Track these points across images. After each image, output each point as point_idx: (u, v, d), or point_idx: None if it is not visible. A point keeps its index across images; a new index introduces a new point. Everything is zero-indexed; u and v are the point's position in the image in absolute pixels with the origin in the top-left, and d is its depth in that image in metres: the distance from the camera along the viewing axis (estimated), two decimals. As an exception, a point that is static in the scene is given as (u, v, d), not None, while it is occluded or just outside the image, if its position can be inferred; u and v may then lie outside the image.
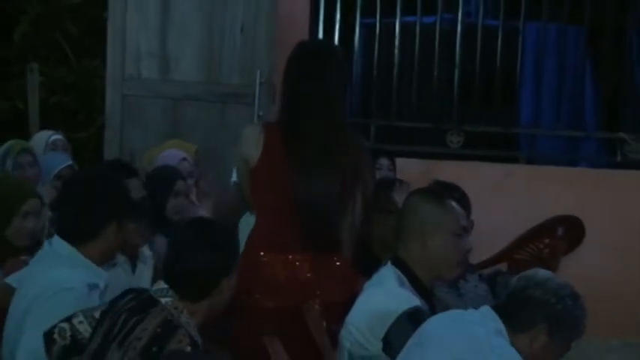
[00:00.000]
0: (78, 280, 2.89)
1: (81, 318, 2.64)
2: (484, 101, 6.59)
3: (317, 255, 3.49)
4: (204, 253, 2.63)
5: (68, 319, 2.66)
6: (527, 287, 2.75)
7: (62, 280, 2.89)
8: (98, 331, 2.56)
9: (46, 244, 3.10)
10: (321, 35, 6.54)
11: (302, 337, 3.36)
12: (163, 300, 2.56)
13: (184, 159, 5.11)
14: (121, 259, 3.50)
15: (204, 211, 5.04)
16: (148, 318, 2.49)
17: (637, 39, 6.88)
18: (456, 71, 6.56)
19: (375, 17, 6.60)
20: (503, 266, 5.11)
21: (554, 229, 5.29)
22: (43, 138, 6.03)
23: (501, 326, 2.72)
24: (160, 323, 2.47)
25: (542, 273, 2.80)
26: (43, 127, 7.37)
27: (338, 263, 3.54)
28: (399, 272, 3.16)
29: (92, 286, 2.92)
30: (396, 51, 6.56)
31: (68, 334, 2.62)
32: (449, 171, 4.71)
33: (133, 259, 3.70)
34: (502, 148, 6.65)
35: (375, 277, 3.27)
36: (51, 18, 9.79)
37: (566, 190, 6.19)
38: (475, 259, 4.54)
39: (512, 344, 2.70)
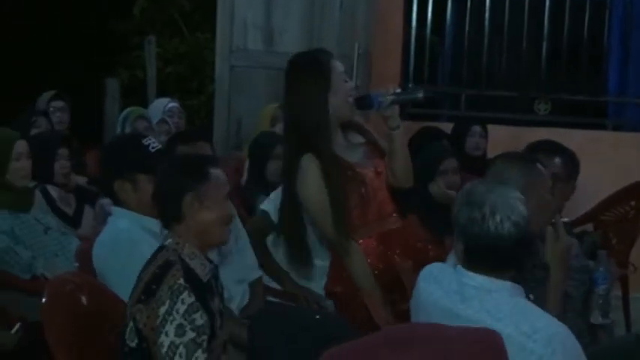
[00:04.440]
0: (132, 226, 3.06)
1: None
2: (571, 70, 6.43)
3: None
4: (162, 177, 2.65)
5: None
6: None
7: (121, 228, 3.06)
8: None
9: None
10: (415, 9, 6.44)
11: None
12: (167, 242, 2.59)
13: None
14: None
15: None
16: (154, 262, 2.55)
17: None
18: (544, 42, 6.41)
19: (467, -10, 6.50)
20: (589, 227, 4.97)
21: (640, 191, 5.12)
22: (160, 105, 6.08)
23: None
24: (160, 265, 2.52)
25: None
26: (159, 95, 7.46)
27: None
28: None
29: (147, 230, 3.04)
30: (486, 23, 6.42)
31: None
32: (536, 137, 4.55)
33: None
34: (589, 116, 6.49)
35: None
36: (166, -5, 9.89)
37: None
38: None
39: None
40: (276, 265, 3.67)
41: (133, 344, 2.50)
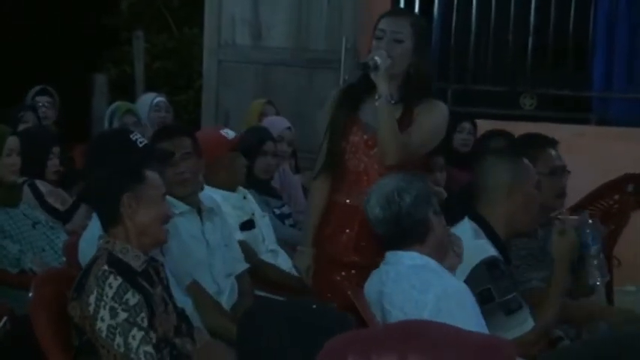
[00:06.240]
0: None
1: None
2: (557, 65, 6.44)
3: None
4: (98, 180, 2.69)
5: None
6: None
7: None
8: None
9: None
10: (402, 3, 6.43)
11: None
12: (98, 244, 2.65)
13: (289, 128, 5.01)
14: (185, 208, 3.36)
15: (299, 179, 4.99)
16: (87, 264, 2.63)
17: None
18: (530, 37, 6.42)
19: (454, -15, 6.50)
20: (573, 222, 4.98)
21: (624, 186, 5.12)
22: (148, 100, 6.06)
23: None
24: (89, 262, 2.61)
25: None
26: (147, 90, 7.44)
27: None
28: (476, 226, 3.08)
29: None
30: (473, 18, 6.42)
31: None
32: (522, 132, 4.58)
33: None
34: (574, 110, 6.50)
35: (453, 231, 3.18)
36: (154, -11, 9.88)
37: (635, 149, 6.00)
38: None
39: None
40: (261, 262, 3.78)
41: (77, 343, 2.54)
